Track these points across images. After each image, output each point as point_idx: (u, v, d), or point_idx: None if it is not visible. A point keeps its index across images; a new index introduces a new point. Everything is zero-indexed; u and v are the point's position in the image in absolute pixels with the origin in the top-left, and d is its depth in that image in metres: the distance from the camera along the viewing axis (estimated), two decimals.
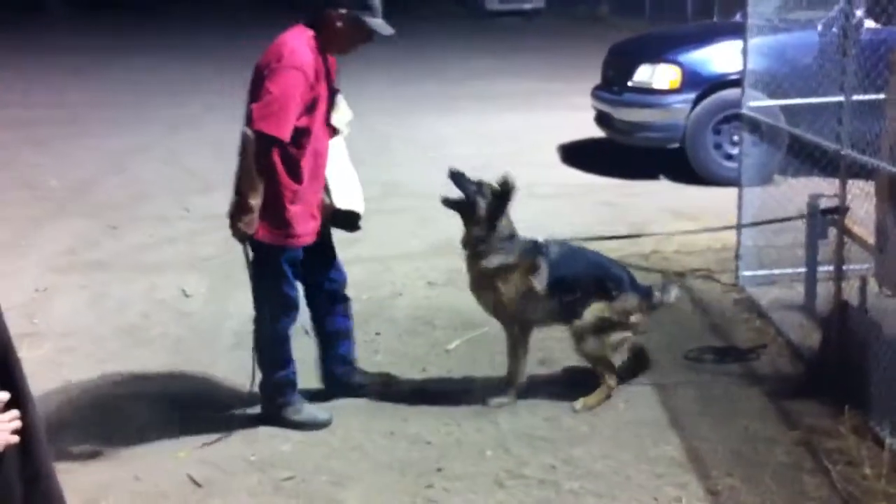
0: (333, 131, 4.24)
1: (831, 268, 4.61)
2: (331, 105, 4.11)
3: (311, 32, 3.94)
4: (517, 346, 4.49)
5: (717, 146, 8.56)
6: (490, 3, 33.75)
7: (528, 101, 13.84)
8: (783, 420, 4.18)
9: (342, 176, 4.28)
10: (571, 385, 4.54)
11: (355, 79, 16.27)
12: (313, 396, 4.47)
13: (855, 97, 4.40)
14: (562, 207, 7.81)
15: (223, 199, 8.58)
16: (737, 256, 5.92)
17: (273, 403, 4.29)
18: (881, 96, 4.46)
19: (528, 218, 4.51)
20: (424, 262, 6.42)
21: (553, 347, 5.03)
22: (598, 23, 28.64)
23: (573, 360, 4.64)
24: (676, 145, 8.73)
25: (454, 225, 4.40)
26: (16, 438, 2.14)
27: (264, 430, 4.27)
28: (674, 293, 4.62)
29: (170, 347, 5.27)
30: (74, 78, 17.97)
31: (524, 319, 4.44)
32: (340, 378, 4.53)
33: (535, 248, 4.40)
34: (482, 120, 12.32)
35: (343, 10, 3.89)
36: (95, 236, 7.51)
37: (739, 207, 5.93)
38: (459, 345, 5.17)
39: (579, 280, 4.39)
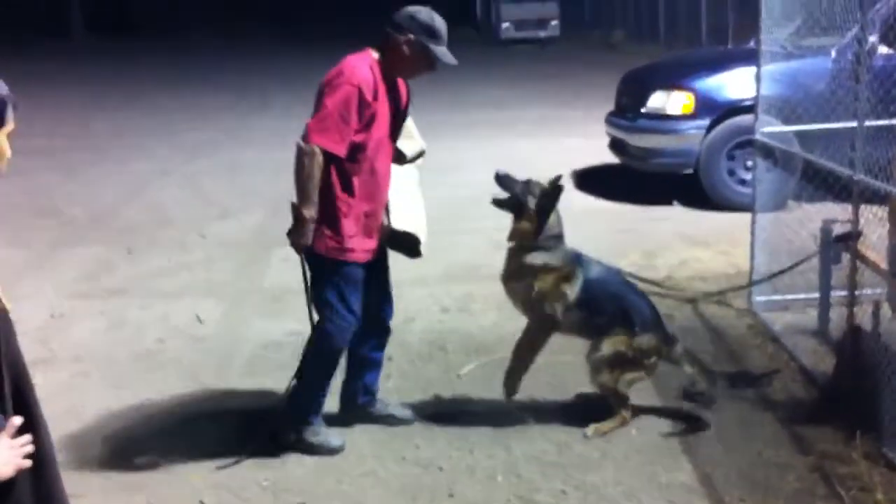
0: (401, 156, 4.27)
1: (845, 293, 4.61)
2: (397, 128, 4.15)
3: (375, 55, 4.02)
4: (529, 344, 4.54)
5: (731, 172, 8.55)
6: (505, 30, 34.01)
7: (542, 127, 13.89)
8: (796, 446, 4.17)
9: (405, 200, 4.29)
10: (583, 411, 4.54)
11: None
12: (328, 420, 4.45)
13: (868, 123, 4.41)
14: (577, 233, 7.75)
15: (239, 224, 8.78)
16: (750, 282, 5.91)
17: (294, 419, 4.29)
18: (894, 122, 4.47)
19: None
20: (439, 287, 6.44)
21: (564, 373, 5.03)
22: (613, 49, 28.73)
23: (585, 385, 4.64)
24: (690, 171, 8.74)
25: (470, 250, 4.43)
26: (28, 462, 2.17)
27: (277, 455, 4.28)
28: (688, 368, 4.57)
29: (184, 373, 5.30)
30: (97, 104, 18.16)
31: (551, 315, 4.44)
32: (361, 407, 4.51)
33: (577, 258, 4.49)
34: (497, 145, 12.36)
35: (411, 36, 3.96)
36: (113, 262, 7.57)
37: (753, 233, 5.93)
38: (472, 370, 5.18)
39: (607, 304, 4.42)
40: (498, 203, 4.51)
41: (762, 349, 5.26)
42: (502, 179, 4.50)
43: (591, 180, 9.99)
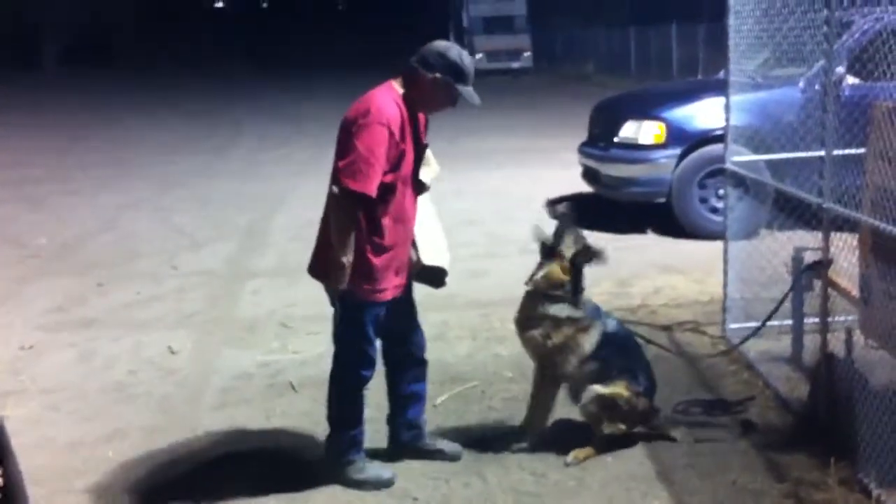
0: (421, 187, 4.20)
1: (817, 320, 4.63)
2: (419, 160, 4.09)
3: (399, 90, 3.95)
4: (543, 394, 4.50)
5: (703, 200, 8.63)
6: (478, 62, 34.23)
7: (516, 157, 13.98)
8: (771, 472, 4.16)
9: (429, 232, 4.26)
10: (560, 441, 4.51)
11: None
12: (371, 455, 4.37)
13: (836, 151, 4.46)
14: None
15: (210, 256, 8.75)
16: (724, 309, 5.94)
17: (337, 462, 4.21)
18: (862, 151, 4.52)
19: (522, 274, 4.52)
20: None
21: None
22: (585, 80, 29.02)
23: (561, 414, 4.63)
24: (663, 200, 8.79)
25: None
26: None
27: (229, 489, 4.22)
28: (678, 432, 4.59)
29: (155, 405, 5.24)
30: (68, 135, 18.11)
31: (560, 372, 4.43)
32: (408, 442, 4.43)
33: (597, 312, 4.47)
34: (471, 176, 12.41)
35: (438, 75, 3.89)
36: (83, 293, 7.50)
37: (725, 261, 5.96)
38: (447, 399, 5.14)
39: (619, 361, 4.43)
40: (538, 235, 4.45)
41: (737, 376, 5.27)
42: (564, 218, 4.48)
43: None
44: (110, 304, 7.21)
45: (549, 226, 4.56)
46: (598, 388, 4.36)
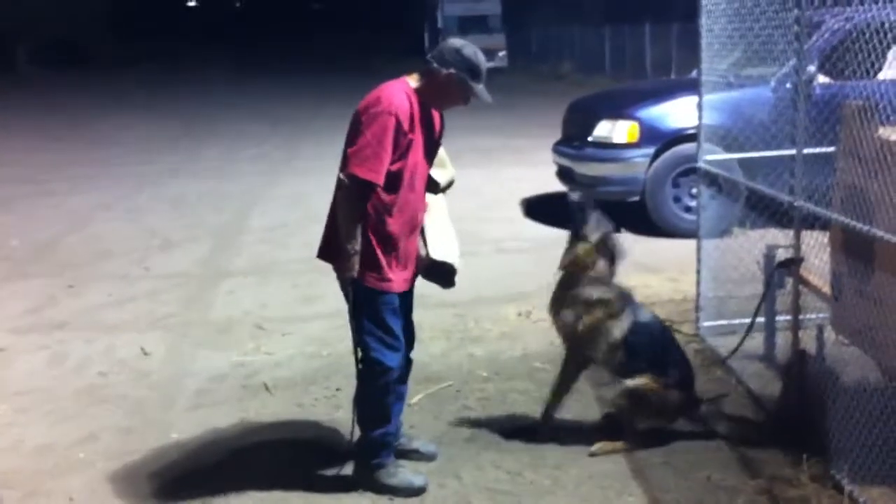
0: (434, 185, 4.23)
1: (789, 317, 4.67)
2: (430, 156, 4.11)
3: (413, 84, 3.98)
4: (566, 378, 4.53)
5: (677, 199, 8.67)
6: None
7: (491, 156, 14.00)
8: (745, 469, 4.19)
9: (440, 229, 4.25)
10: (538, 440, 4.52)
11: (315, 139, 16.38)
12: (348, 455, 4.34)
13: (807, 150, 4.49)
14: (528, 261, 7.83)
15: (183, 257, 8.69)
16: (697, 307, 5.97)
17: (366, 464, 4.16)
18: (833, 149, 4.56)
19: (496, 273, 4.52)
20: None
21: (517, 400, 5.03)
22: (560, 80, 29.07)
23: (536, 413, 4.64)
24: (637, 198, 8.83)
25: (417, 278, 4.38)
26: None
27: (203, 491, 4.20)
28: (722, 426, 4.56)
29: (128, 407, 5.20)
30: (41, 137, 17.95)
31: (586, 355, 4.46)
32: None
33: (628, 299, 4.51)
34: None
35: (452, 71, 3.93)
36: (55, 295, 7.43)
37: (698, 260, 5.99)
38: (422, 399, 5.14)
39: (650, 352, 4.44)
40: (573, 203, 4.56)
41: (710, 374, 5.29)
42: (579, 203, 4.56)
43: (540, 209, 10.06)
44: (82, 306, 7.15)
45: (524, 224, 4.57)
46: (628, 383, 4.38)
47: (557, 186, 10.01)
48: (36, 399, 5.34)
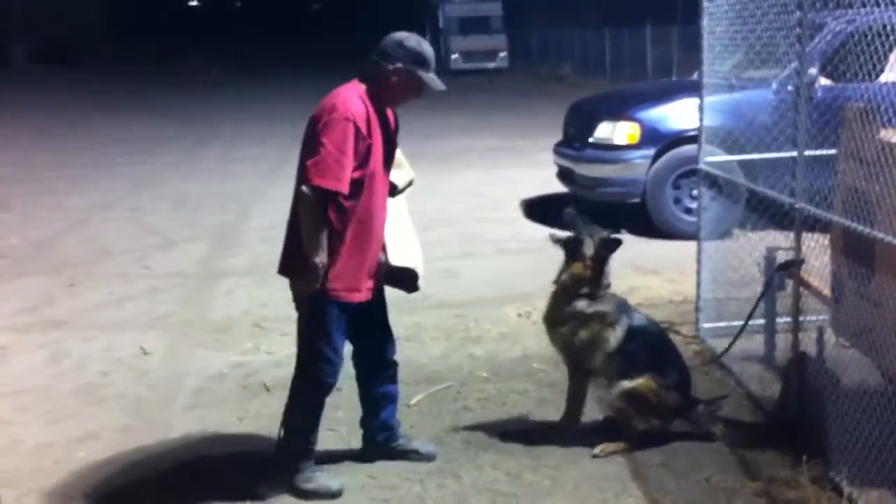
0: (393, 188, 4.16)
1: (789, 319, 4.66)
2: (389, 159, 4.04)
3: (364, 86, 3.92)
4: (577, 389, 4.54)
5: (677, 201, 8.67)
6: (454, 61, 34.29)
7: (491, 157, 14.00)
8: (744, 471, 4.18)
9: (400, 234, 4.19)
10: (537, 441, 4.52)
11: None
12: (345, 456, 4.42)
13: (808, 152, 4.49)
14: (528, 262, 7.82)
15: (183, 256, 8.68)
16: (697, 309, 5.97)
17: (286, 469, 4.14)
18: (834, 151, 4.56)
19: (496, 274, 4.52)
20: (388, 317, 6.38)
21: (517, 400, 5.02)
22: (561, 81, 29.06)
23: (538, 416, 4.63)
24: (637, 200, 8.83)
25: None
26: None
27: (202, 491, 4.19)
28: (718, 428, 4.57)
29: (127, 406, 5.19)
30: (39, 136, 17.95)
31: (588, 367, 4.48)
32: (382, 443, 4.38)
33: (623, 307, 4.52)
34: (447, 176, 12.41)
35: (399, 65, 3.88)
36: (54, 294, 7.43)
37: (699, 261, 5.99)
38: (422, 400, 5.13)
39: (646, 356, 4.46)
40: (556, 241, 4.48)
41: (710, 375, 5.29)
42: (572, 218, 4.52)
43: (540, 210, 10.05)
44: (82, 305, 7.14)
45: (525, 225, 4.57)
46: (625, 384, 4.40)
47: (558, 187, 10.02)
48: (35, 398, 5.34)
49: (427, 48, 3.95)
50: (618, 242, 4.47)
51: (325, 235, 3.80)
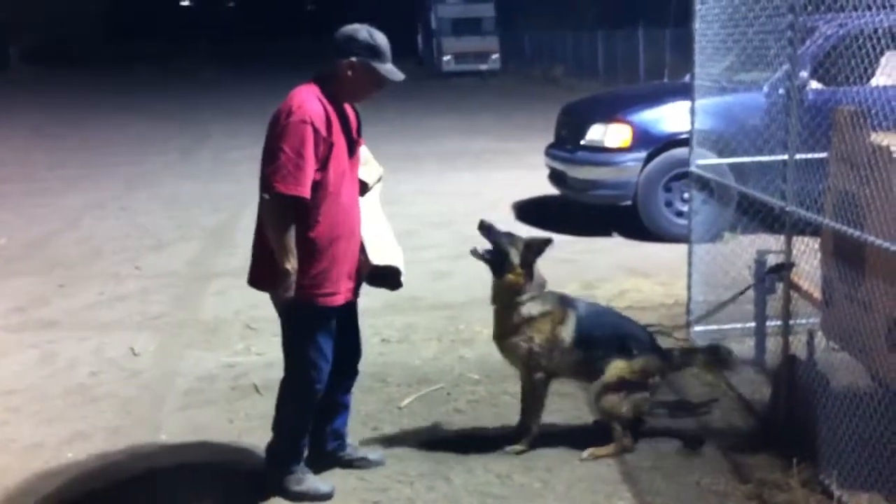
0: (363, 187, 4.11)
1: (780, 323, 4.67)
2: (354, 158, 3.98)
3: (320, 85, 3.85)
4: (535, 396, 4.50)
5: (668, 203, 8.68)
6: (447, 63, 34.29)
7: (484, 159, 14.00)
8: (735, 474, 4.19)
9: (377, 232, 4.14)
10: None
11: None
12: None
13: (799, 156, 4.49)
14: None
15: (175, 256, 8.66)
16: (688, 312, 5.98)
17: (276, 471, 4.13)
18: (824, 155, 4.57)
19: (488, 275, 4.52)
20: (378, 318, 6.40)
21: (508, 402, 5.03)
22: (553, 83, 29.08)
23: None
24: (629, 203, 8.84)
25: (410, 282, 4.37)
26: None
27: (192, 492, 4.18)
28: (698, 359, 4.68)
29: (117, 407, 5.18)
30: (34, 135, 17.91)
31: (547, 369, 4.46)
32: (331, 452, 4.34)
33: (566, 300, 4.52)
34: (438, 178, 12.42)
35: (353, 59, 3.81)
36: (46, 294, 7.41)
37: (690, 264, 6.00)
38: (413, 402, 5.13)
39: (603, 337, 4.47)
40: (478, 255, 4.44)
41: (700, 378, 5.29)
42: (487, 230, 4.47)
43: (532, 212, 10.07)
44: (73, 305, 7.12)
45: (517, 227, 4.56)
46: (599, 382, 4.39)
47: (550, 189, 10.03)
48: (26, 398, 5.33)
49: (380, 38, 3.87)
50: (546, 242, 4.43)
51: (293, 240, 3.74)
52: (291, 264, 3.73)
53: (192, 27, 59.32)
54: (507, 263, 4.39)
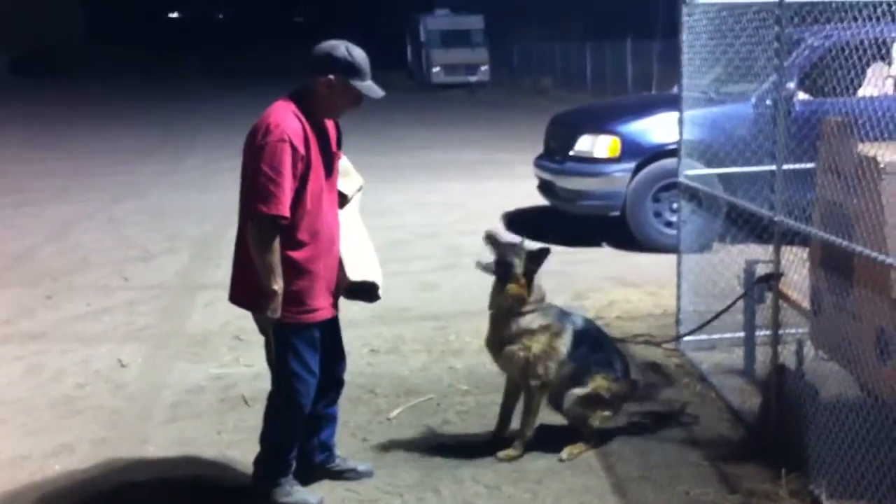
0: (342, 199, 4.09)
1: (769, 332, 4.68)
2: (331, 171, 3.95)
3: (296, 101, 3.82)
4: (533, 403, 4.53)
5: (657, 214, 8.70)
6: (436, 75, 34.34)
7: (473, 170, 14.02)
8: (724, 484, 4.18)
9: (354, 246, 4.11)
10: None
11: None
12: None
13: (787, 166, 4.51)
14: None
15: (162, 268, 8.63)
16: (677, 322, 5.98)
17: (264, 483, 4.09)
18: (812, 165, 4.58)
19: (477, 286, 4.52)
20: (367, 329, 6.38)
21: (494, 413, 5.01)
22: (542, 95, 29.15)
23: (515, 426, 4.62)
24: (617, 213, 8.86)
25: (398, 293, 4.38)
26: None
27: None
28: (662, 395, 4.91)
29: (104, 419, 5.14)
30: (20, 146, 17.84)
31: (545, 380, 4.49)
32: (319, 464, 4.31)
33: (564, 314, 4.61)
34: (428, 189, 12.42)
35: (331, 77, 3.78)
36: (32, 306, 7.36)
37: (679, 274, 6.01)
38: (402, 413, 5.11)
39: (593, 355, 4.57)
40: (482, 266, 4.48)
41: (690, 389, 5.30)
42: (492, 240, 4.51)
43: (521, 223, 10.06)
44: (60, 317, 7.08)
45: (506, 238, 4.56)
46: (577, 391, 4.48)
47: (539, 200, 10.04)
48: (11, 410, 5.28)
49: (358, 55, 3.82)
50: (545, 252, 4.47)
51: (279, 261, 3.73)
52: (279, 284, 3.71)
53: (180, 38, 59.27)
54: (512, 274, 4.42)
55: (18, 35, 39.81)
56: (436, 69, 34.64)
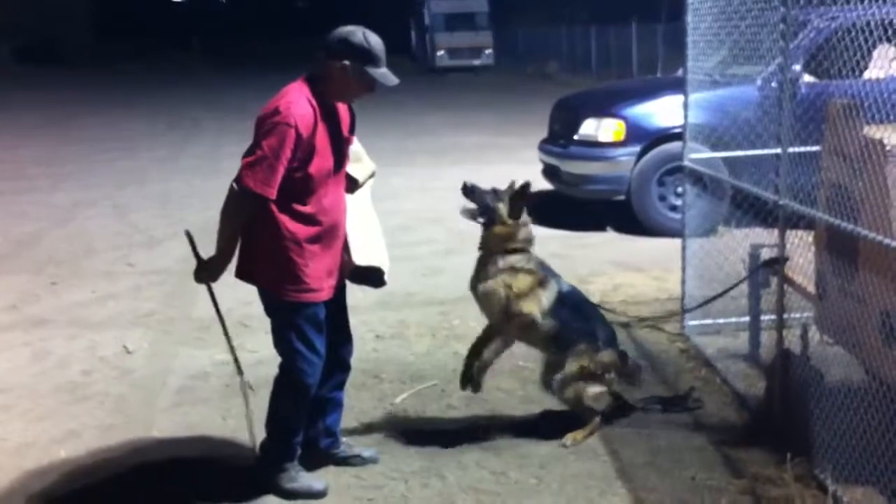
0: (353, 182, 4.10)
1: (774, 317, 4.66)
2: (340, 156, 3.94)
3: (310, 84, 3.82)
4: (493, 345, 4.50)
5: (662, 198, 8.68)
6: (440, 59, 34.26)
7: (477, 154, 13.98)
8: (729, 469, 4.18)
9: (362, 230, 4.11)
10: (522, 439, 4.52)
11: None
12: None
13: (792, 149, 4.49)
14: None
15: (167, 253, 8.63)
16: (682, 306, 5.97)
17: (269, 468, 4.11)
18: (817, 148, 4.56)
19: None
20: (372, 314, 6.38)
21: (502, 398, 5.01)
22: (547, 79, 29.05)
23: (523, 414, 4.63)
24: (622, 197, 8.83)
25: (403, 278, 4.37)
26: None
27: (184, 490, 4.16)
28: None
29: (110, 405, 5.15)
30: (24, 133, 17.84)
31: (518, 326, 4.44)
32: (324, 450, 4.31)
33: (550, 270, 4.57)
34: (433, 173, 12.39)
35: (346, 62, 3.75)
36: (37, 292, 7.37)
37: (683, 258, 5.99)
38: (406, 398, 5.12)
39: (576, 320, 4.52)
40: (468, 213, 4.48)
41: (695, 373, 5.29)
42: (470, 191, 4.50)
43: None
44: (65, 303, 7.09)
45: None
46: (560, 376, 4.46)
47: (543, 184, 10.00)
48: (17, 396, 5.30)
49: (375, 42, 3.80)
50: (527, 186, 4.45)
51: (237, 234, 3.83)
52: (229, 248, 3.84)
53: (183, 24, 59.10)
54: (497, 217, 4.42)
55: (22, 23, 39.75)
56: (440, 53, 34.55)
